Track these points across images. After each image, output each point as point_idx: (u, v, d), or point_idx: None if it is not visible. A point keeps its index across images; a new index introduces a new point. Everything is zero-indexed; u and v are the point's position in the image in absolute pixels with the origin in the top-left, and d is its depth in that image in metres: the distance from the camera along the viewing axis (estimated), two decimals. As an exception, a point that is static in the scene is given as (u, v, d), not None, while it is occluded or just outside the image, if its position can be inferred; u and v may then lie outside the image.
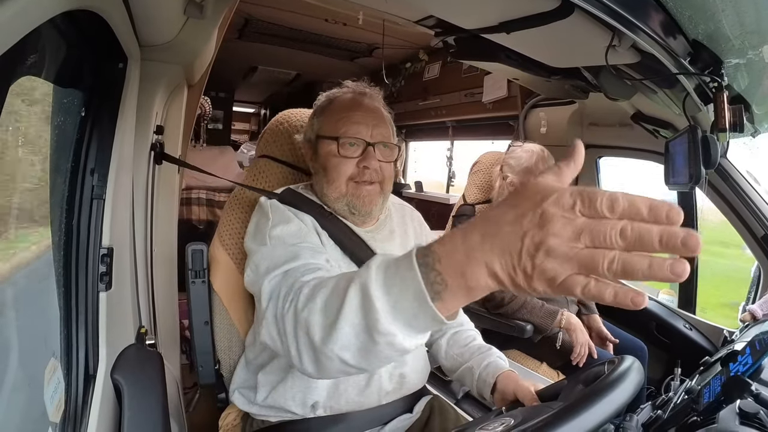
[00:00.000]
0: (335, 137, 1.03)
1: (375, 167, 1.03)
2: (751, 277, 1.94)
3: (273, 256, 0.90)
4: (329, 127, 1.05)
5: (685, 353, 1.93)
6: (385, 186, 1.08)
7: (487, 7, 1.10)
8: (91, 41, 0.85)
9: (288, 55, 3.96)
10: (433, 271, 0.50)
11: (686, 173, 1.29)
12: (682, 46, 1.03)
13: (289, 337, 0.72)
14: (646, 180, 2.57)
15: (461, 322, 1.21)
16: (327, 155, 1.05)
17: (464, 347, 1.11)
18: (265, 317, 0.81)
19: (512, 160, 1.92)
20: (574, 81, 1.56)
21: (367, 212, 1.06)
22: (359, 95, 1.10)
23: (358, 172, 1.03)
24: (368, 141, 1.03)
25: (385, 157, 1.06)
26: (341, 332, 0.60)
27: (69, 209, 0.90)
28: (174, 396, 1.23)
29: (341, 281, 0.64)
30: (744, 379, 0.96)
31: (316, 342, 0.65)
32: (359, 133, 1.03)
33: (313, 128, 1.10)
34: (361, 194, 1.04)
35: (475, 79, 3.26)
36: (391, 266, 0.55)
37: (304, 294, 0.72)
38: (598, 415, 0.66)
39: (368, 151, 1.03)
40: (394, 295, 0.53)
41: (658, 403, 1.20)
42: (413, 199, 4.30)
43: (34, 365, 0.83)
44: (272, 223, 0.97)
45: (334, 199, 1.05)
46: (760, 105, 1.32)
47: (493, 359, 1.06)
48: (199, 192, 2.88)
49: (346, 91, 1.11)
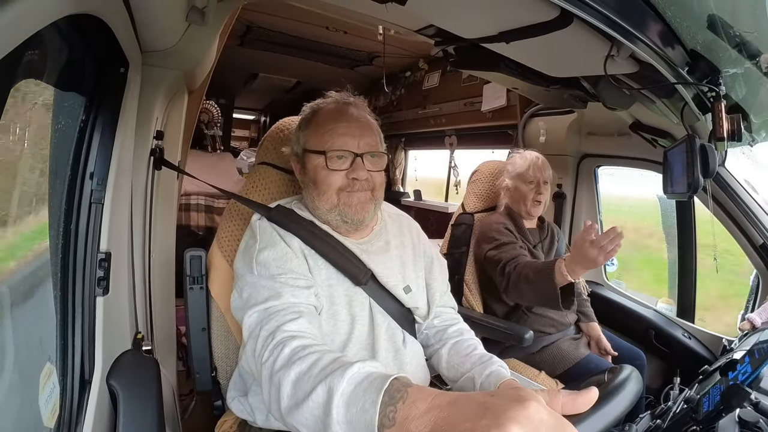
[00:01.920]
0: (322, 151, 1.02)
1: (364, 177, 1.03)
2: (750, 286, 1.94)
3: (257, 286, 0.93)
4: (315, 140, 1.05)
5: (684, 362, 1.93)
6: (377, 193, 1.08)
7: (487, 17, 1.11)
8: (93, 46, 0.86)
9: (289, 62, 3.98)
10: (391, 407, 0.56)
11: (685, 182, 1.29)
12: (680, 56, 1.03)
13: (264, 383, 0.77)
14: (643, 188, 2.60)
15: (461, 331, 1.20)
16: (315, 169, 1.04)
17: (465, 357, 1.11)
18: (245, 350, 0.87)
19: (510, 166, 1.98)
20: (573, 90, 1.57)
21: (359, 220, 1.06)
22: (344, 105, 1.09)
23: (348, 183, 1.03)
24: (356, 152, 1.03)
25: (374, 166, 1.06)
26: (303, 415, 0.65)
27: (68, 213, 0.90)
28: (170, 402, 1.22)
29: (318, 364, 0.69)
30: (743, 388, 0.96)
31: (282, 407, 0.70)
32: (346, 145, 1.02)
33: (300, 142, 1.09)
34: (352, 202, 1.04)
35: (474, 88, 3.28)
36: (363, 384, 0.60)
37: (283, 356, 0.75)
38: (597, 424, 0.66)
39: (357, 163, 1.03)
40: (351, 413, 0.59)
41: (657, 412, 1.19)
42: (412, 207, 4.30)
43: (30, 369, 0.83)
44: (259, 246, 1.00)
45: (326, 210, 1.05)
46: (758, 114, 1.33)
47: (495, 368, 1.05)
48: (198, 198, 2.87)
49: (330, 102, 1.10)
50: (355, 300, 1.06)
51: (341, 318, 1.03)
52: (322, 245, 1.04)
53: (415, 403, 0.54)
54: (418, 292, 1.16)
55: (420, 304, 1.15)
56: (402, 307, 1.12)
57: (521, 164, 1.91)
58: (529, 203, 1.89)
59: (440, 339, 1.18)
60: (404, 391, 0.56)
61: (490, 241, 1.82)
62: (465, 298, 1.98)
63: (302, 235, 1.04)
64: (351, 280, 1.06)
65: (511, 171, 1.95)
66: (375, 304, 1.08)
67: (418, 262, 1.20)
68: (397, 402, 0.55)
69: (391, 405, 0.55)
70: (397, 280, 1.11)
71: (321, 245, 1.04)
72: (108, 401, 0.94)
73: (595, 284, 2.43)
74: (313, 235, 1.05)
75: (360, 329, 1.05)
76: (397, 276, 1.12)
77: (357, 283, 1.06)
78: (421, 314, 1.16)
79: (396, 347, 1.08)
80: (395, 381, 0.58)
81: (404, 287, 1.12)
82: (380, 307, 1.08)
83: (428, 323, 1.19)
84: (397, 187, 4.82)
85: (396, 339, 1.09)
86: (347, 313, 1.04)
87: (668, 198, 1.64)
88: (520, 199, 1.89)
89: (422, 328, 1.19)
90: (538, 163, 1.90)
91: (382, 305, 1.09)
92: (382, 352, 1.05)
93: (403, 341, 1.10)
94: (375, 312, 1.07)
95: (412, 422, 0.53)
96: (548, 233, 1.99)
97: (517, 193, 1.91)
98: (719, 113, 1.11)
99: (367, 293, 1.07)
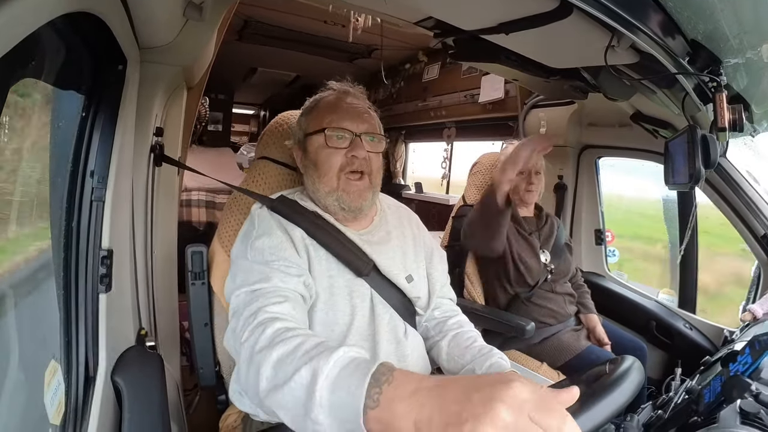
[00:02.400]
0: (322, 129, 1.06)
1: (363, 156, 1.06)
2: (751, 277, 1.94)
3: (249, 270, 0.94)
4: (316, 123, 1.08)
5: (685, 353, 1.93)
6: (374, 179, 1.10)
7: (486, 9, 1.10)
8: (91, 43, 0.85)
9: (287, 56, 3.97)
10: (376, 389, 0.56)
11: (686, 173, 1.29)
12: (681, 46, 1.03)
13: (243, 363, 0.76)
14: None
15: (461, 323, 1.21)
16: (316, 150, 1.07)
17: (465, 349, 1.11)
18: (227, 329, 0.89)
19: (503, 156, 1.97)
20: (574, 81, 1.56)
21: (357, 207, 1.07)
22: (343, 93, 1.13)
23: (347, 161, 1.05)
24: (355, 132, 1.06)
25: (372, 148, 1.09)
26: (284, 397, 0.64)
27: (69, 211, 0.90)
28: (174, 398, 1.23)
29: (302, 347, 0.68)
30: (744, 379, 0.96)
31: (261, 389, 0.69)
32: (345, 125, 1.06)
33: (301, 128, 1.13)
34: (350, 189, 1.06)
35: (474, 80, 3.27)
36: (349, 367, 0.60)
37: (265, 336, 0.75)
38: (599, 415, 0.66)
39: (355, 141, 1.06)
40: (336, 396, 0.58)
41: (659, 403, 1.20)
42: (413, 200, 4.30)
43: (35, 367, 0.83)
44: (256, 234, 1.01)
45: (326, 193, 1.07)
46: (760, 104, 1.32)
47: (495, 360, 1.05)
48: (199, 193, 2.87)
49: (331, 93, 1.15)
50: (356, 291, 1.06)
51: (340, 308, 1.04)
52: (325, 236, 1.05)
53: (401, 386, 0.55)
54: (420, 282, 1.17)
55: (421, 294, 1.16)
56: (404, 297, 1.13)
57: None
58: (521, 192, 1.91)
59: (440, 331, 1.19)
60: (390, 375, 0.57)
61: None
62: (466, 290, 1.98)
63: (305, 226, 1.05)
64: (353, 271, 1.06)
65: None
66: (376, 294, 1.08)
67: (419, 253, 1.21)
68: (383, 384, 0.56)
69: (376, 387, 0.56)
70: (399, 269, 1.12)
71: (323, 236, 1.05)
72: (113, 397, 0.95)
73: (596, 275, 2.44)
74: (315, 226, 1.05)
75: (360, 320, 1.05)
76: (399, 266, 1.13)
77: (359, 274, 1.07)
78: (422, 305, 1.16)
79: (397, 339, 1.09)
80: (381, 366, 0.59)
81: (406, 276, 1.13)
82: (381, 298, 1.09)
83: (428, 315, 1.20)
84: (397, 180, 4.81)
85: (397, 331, 1.09)
86: (347, 304, 1.04)
87: (669, 189, 1.64)
88: (513, 189, 1.89)
89: (422, 320, 1.20)
90: None
91: (383, 296, 1.09)
92: (383, 343, 1.05)
93: (404, 333, 1.10)
94: (376, 303, 1.08)
95: (398, 404, 0.53)
96: (546, 222, 1.99)
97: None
98: (720, 103, 1.10)
99: (368, 284, 1.08)
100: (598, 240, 2.49)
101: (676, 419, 1.04)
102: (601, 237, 2.49)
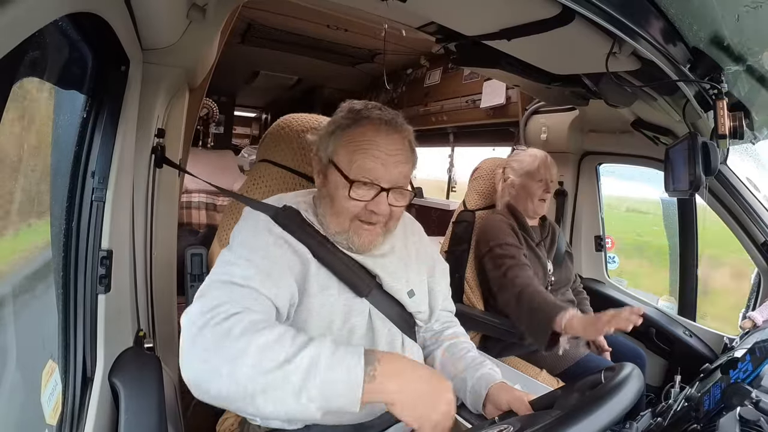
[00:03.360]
0: (349, 178, 0.94)
1: (384, 212, 0.97)
2: (751, 284, 1.94)
3: (231, 263, 0.88)
4: (345, 157, 0.96)
5: (684, 360, 1.93)
6: (390, 224, 1.02)
7: (489, 14, 1.10)
8: (94, 44, 0.86)
9: (290, 60, 3.98)
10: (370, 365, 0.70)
11: (686, 180, 1.29)
12: (683, 53, 1.03)
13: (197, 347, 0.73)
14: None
15: (457, 333, 1.20)
16: (336, 188, 0.97)
17: (458, 359, 1.11)
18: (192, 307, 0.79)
19: (515, 162, 1.95)
20: (575, 88, 1.57)
21: (365, 249, 1.02)
22: (385, 124, 0.96)
23: (365, 213, 0.97)
24: (383, 186, 0.95)
25: (397, 201, 0.98)
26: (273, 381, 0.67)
27: (69, 211, 0.90)
28: (171, 400, 1.22)
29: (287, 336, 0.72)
30: (744, 387, 0.96)
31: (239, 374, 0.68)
32: (375, 174, 0.94)
33: (328, 149, 0.99)
34: (361, 234, 0.99)
35: (476, 86, 3.28)
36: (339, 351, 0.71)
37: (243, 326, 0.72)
38: (598, 422, 0.66)
39: (380, 197, 0.95)
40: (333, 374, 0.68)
41: (658, 410, 1.19)
42: (413, 205, 4.30)
43: (32, 367, 0.83)
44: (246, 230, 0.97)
45: (335, 232, 1.00)
46: (760, 112, 1.33)
47: (486, 371, 1.05)
48: (200, 195, 2.87)
49: (371, 117, 0.97)
50: (354, 309, 1.02)
51: (336, 327, 1.00)
52: (327, 254, 1.00)
53: (390, 363, 0.72)
54: (421, 296, 1.14)
55: (422, 308, 1.14)
56: (404, 311, 1.11)
57: (530, 162, 1.90)
58: (536, 201, 1.88)
59: (436, 341, 1.19)
60: (377, 354, 0.72)
61: (496, 238, 1.81)
62: (466, 295, 1.98)
63: (308, 243, 0.99)
64: (353, 291, 1.03)
65: (518, 168, 1.92)
66: (375, 310, 1.05)
67: (421, 266, 1.18)
68: (375, 362, 0.70)
69: (370, 365, 0.69)
70: (401, 284, 1.09)
71: (325, 254, 1.00)
72: (110, 399, 0.94)
73: (595, 281, 2.43)
74: (319, 244, 1.00)
75: (358, 338, 1.03)
76: (401, 280, 1.09)
77: (359, 294, 1.03)
78: (423, 318, 1.15)
79: (395, 351, 1.07)
80: (366, 349, 0.71)
81: (408, 291, 1.10)
82: (380, 313, 1.06)
83: (426, 326, 1.19)
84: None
85: (395, 344, 1.08)
86: (344, 324, 1.01)
87: (670, 196, 1.64)
88: (527, 197, 1.88)
89: (420, 330, 1.19)
90: (547, 162, 1.89)
91: (382, 311, 1.06)
92: None
93: (402, 345, 1.09)
94: (374, 319, 1.05)
95: (390, 379, 0.70)
96: (549, 232, 1.99)
97: (524, 191, 1.89)
98: (721, 111, 1.11)
99: (368, 301, 1.05)
100: (598, 246, 2.49)
101: (676, 427, 1.04)
102: (601, 243, 2.49)
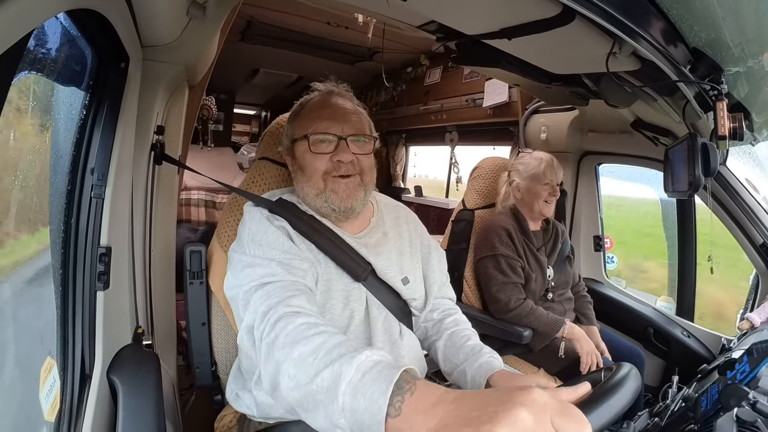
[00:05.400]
0: (305, 135, 1.04)
1: (349, 160, 1.04)
2: (750, 285, 1.94)
3: (252, 265, 0.93)
4: (300, 129, 1.07)
5: (682, 361, 1.93)
6: (366, 177, 1.08)
7: (489, 13, 1.10)
8: (93, 40, 0.86)
9: (290, 57, 3.98)
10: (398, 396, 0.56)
11: (685, 181, 1.29)
12: (683, 54, 1.03)
13: (262, 358, 0.76)
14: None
15: (457, 321, 1.21)
16: (302, 155, 1.06)
17: (459, 348, 1.11)
18: (242, 325, 0.86)
19: (521, 165, 1.94)
20: (575, 87, 1.57)
21: (347, 207, 1.05)
22: (327, 94, 1.11)
23: (333, 166, 1.04)
24: (339, 135, 1.04)
25: (360, 149, 1.06)
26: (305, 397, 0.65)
27: (68, 208, 0.90)
28: (170, 397, 1.22)
29: (324, 347, 0.68)
30: (741, 388, 0.96)
31: (282, 386, 0.69)
32: (329, 129, 1.04)
33: (288, 135, 1.12)
34: (338, 189, 1.04)
35: (476, 84, 3.28)
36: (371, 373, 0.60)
37: (286, 332, 0.74)
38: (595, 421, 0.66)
39: (340, 145, 1.03)
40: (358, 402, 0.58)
41: (656, 410, 1.19)
42: (413, 203, 4.30)
43: (30, 363, 0.83)
44: (253, 229, 1.00)
45: (314, 196, 1.05)
46: (760, 113, 1.32)
47: (485, 359, 1.05)
48: (199, 193, 2.87)
49: (315, 94, 1.13)
50: (352, 295, 1.06)
51: (337, 313, 1.03)
52: (322, 239, 1.04)
53: (423, 396, 0.55)
54: (415, 284, 1.16)
55: (417, 296, 1.15)
56: (399, 299, 1.12)
57: (536, 165, 1.89)
58: (541, 203, 1.87)
59: (437, 331, 1.19)
60: (413, 383, 0.57)
61: (493, 249, 1.82)
62: (464, 294, 1.98)
63: (303, 230, 1.04)
64: (350, 275, 1.06)
65: (523, 171, 1.91)
66: (372, 297, 1.08)
67: (415, 254, 1.20)
68: (405, 393, 0.56)
69: (398, 395, 0.56)
70: (395, 271, 1.11)
71: (321, 239, 1.04)
72: (108, 395, 0.94)
73: (594, 282, 2.44)
74: (313, 230, 1.04)
75: (356, 324, 1.05)
76: (395, 267, 1.12)
77: (356, 278, 1.06)
78: (417, 306, 1.16)
79: (392, 340, 1.08)
80: (404, 373, 0.59)
81: (402, 278, 1.12)
82: (377, 300, 1.08)
83: (427, 316, 1.20)
84: (397, 183, 4.80)
85: (392, 332, 1.09)
86: (344, 308, 1.04)
87: (669, 197, 1.64)
88: (533, 200, 1.87)
89: (420, 321, 1.19)
90: (553, 165, 1.88)
91: (379, 298, 1.09)
92: (378, 345, 1.05)
93: (399, 333, 1.10)
94: (371, 305, 1.07)
95: (418, 415, 0.53)
96: (552, 235, 1.98)
97: (530, 194, 1.88)
98: (721, 112, 1.11)
99: (365, 287, 1.08)
100: (597, 246, 2.50)
101: (673, 427, 1.04)
102: (599, 243, 2.49)
